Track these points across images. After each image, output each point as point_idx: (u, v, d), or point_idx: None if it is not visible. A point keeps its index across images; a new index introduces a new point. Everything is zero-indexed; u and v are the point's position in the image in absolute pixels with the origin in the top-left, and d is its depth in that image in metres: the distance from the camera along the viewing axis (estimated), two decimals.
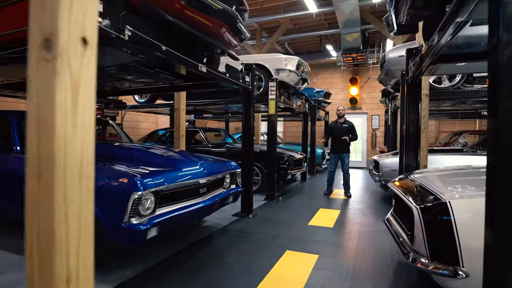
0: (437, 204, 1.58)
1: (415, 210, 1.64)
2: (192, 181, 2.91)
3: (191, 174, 2.97)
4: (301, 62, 6.59)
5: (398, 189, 2.11)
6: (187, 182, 2.85)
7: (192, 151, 6.87)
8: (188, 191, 2.90)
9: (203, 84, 4.22)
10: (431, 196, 1.70)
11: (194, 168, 3.09)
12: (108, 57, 2.81)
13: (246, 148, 4.57)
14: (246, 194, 4.50)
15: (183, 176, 2.85)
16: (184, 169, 2.95)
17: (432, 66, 2.85)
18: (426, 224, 1.57)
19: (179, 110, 5.48)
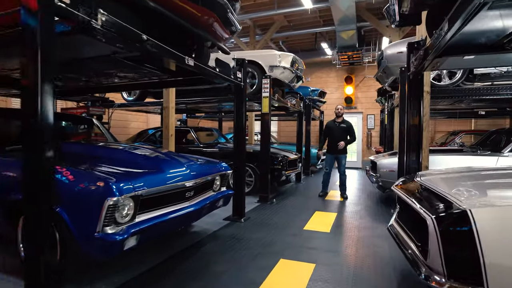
0: (456, 213, 1.35)
1: (429, 220, 1.41)
2: (177, 184, 2.66)
3: (176, 176, 2.71)
4: (296, 59, 6.37)
5: (405, 193, 1.89)
6: (171, 185, 2.59)
7: (183, 151, 6.60)
8: (173, 195, 2.64)
9: (192, 80, 3.97)
10: (446, 203, 1.48)
11: (180, 170, 2.83)
12: (86, 47, 2.55)
13: (238, 148, 4.32)
14: (238, 196, 4.26)
15: (167, 179, 2.59)
16: (169, 172, 2.69)
17: (438, 59, 2.64)
18: (443, 236, 1.35)
19: (168, 108, 5.24)
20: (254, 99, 5.81)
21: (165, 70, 3.49)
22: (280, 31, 9.58)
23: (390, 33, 7.98)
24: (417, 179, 2.15)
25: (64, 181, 2.14)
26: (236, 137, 4.33)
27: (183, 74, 3.65)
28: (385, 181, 5.27)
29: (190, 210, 2.78)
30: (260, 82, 5.64)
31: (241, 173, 4.35)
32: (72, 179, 2.14)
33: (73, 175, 2.18)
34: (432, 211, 1.44)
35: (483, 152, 5.07)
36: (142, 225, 2.27)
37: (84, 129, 4.87)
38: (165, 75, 3.66)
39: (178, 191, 2.70)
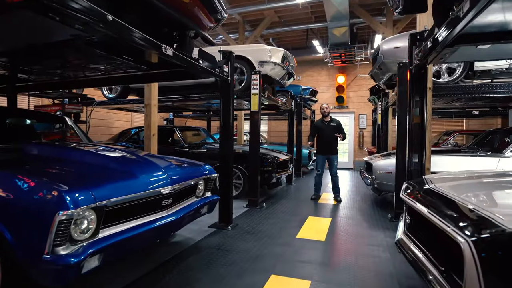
0: (502, 235, 1.04)
1: (465, 244, 1.09)
2: (152, 191, 2.28)
3: (151, 182, 2.33)
4: (287, 55, 6.04)
5: (421, 205, 1.57)
6: (145, 192, 2.21)
7: (168, 153, 6.20)
8: (147, 204, 2.27)
9: (174, 74, 3.59)
10: (482, 220, 1.16)
11: (156, 175, 2.46)
12: (40, 30, 2.16)
13: (225, 148, 3.97)
14: (225, 202, 3.90)
15: (139, 185, 2.22)
16: (142, 177, 2.31)
17: (448, 50, 2.34)
18: (485, 265, 1.03)
19: (150, 105, 4.85)
20: (243, 97, 5.46)
21: (142, 62, 3.11)
22: (270, 27, 9.25)
23: (384, 30, 7.75)
24: (431, 186, 1.84)
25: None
26: (222, 137, 3.97)
27: (163, 66, 3.27)
28: (381, 183, 4.99)
29: (167, 220, 2.41)
30: (249, 79, 5.29)
31: (228, 176, 3.99)
32: (15, 188, 1.75)
33: (19, 182, 1.78)
34: (467, 232, 1.12)
35: (482, 153, 4.83)
36: (107, 241, 1.90)
37: (57, 128, 4.43)
38: (143, 68, 3.27)
39: (153, 199, 2.33)
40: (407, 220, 1.93)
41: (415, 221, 1.77)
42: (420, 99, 3.17)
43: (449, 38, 2.13)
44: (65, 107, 5.47)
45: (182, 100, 6.14)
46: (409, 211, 1.91)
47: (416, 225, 1.75)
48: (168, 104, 7.88)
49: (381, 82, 5.74)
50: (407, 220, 1.91)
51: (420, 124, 3.19)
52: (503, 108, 7.90)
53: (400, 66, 4.27)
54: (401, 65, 4.27)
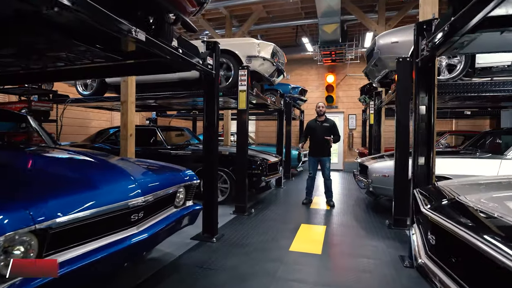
0: None
1: None
2: (117, 205, 1.85)
3: (116, 193, 1.90)
4: (277, 50, 5.67)
5: (464, 228, 1.21)
6: (107, 207, 1.78)
7: (148, 155, 5.73)
8: (111, 220, 1.84)
9: (152, 65, 3.15)
10: None
11: (123, 184, 2.02)
12: None
13: (208, 150, 3.55)
14: (209, 210, 3.49)
15: (100, 198, 1.78)
16: (105, 187, 1.88)
17: (468, 37, 2.01)
18: None
19: (127, 103, 4.42)
20: (229, 94, 5.06)
21: (113, 50, 2.66)
22: (258, 23, 8.88)
23: (376, 27, 7.49)
24: (461, 200, 1.50)
25: None
26: (206, 137, 3.55)
27: (139, 56, 2.83)
28: (377, 187, 4.68)
29: (137, 239, 1.98)
30: (236, 75, 4.89)
31: (213, 181, 3.57)
32: None
33: None
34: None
35: (482, 154, 4.58)
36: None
37: (22, 128, 3.91)
38: (115, 58, 2.81)
39: (120, 213, 1.90)
40: (430, 240, 1.57)
41: (445, 243, 1.41)
42: (427, 95, 2.85)
43: (473, 22, 1.80)
44: (31, 104, 4.92)
45: (164, 98, 5.68)
46: (432, 228, 1.55)
47: (447, 248, 1.39)
48: (150, 102, 7.40)
49: (376, 80, 5.44)
50: (431, 240, 1.56)
51: (427, 123, 2.87)
52: (492, 109, 7.76)
53: (400, 61, 3.96)
54: (401, 60, 3.97)
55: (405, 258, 2.95)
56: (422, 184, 2.91)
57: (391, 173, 4.45)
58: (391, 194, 4.51)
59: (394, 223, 4.02)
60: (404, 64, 3.96)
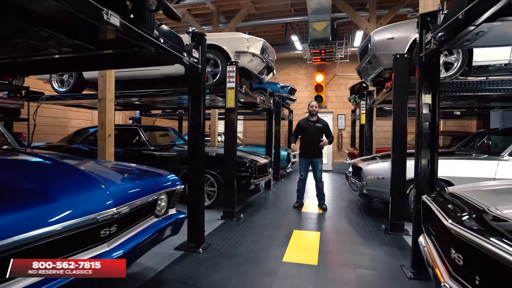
0: None
1: None
2: (81, 220, 1.53)
3: (80, 205, 1.59)
4: (266, 46, 5.41)
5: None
6: (68, 223, 1.46)
7: (130, 156, 5.37)
8: (72, 239, 1.53)
9: (130, 57, 2.83)
10: None
11: (91, 193, 1.72)
12: None
13: (194, 152, 3.25)
14: (195, 218, 3.19)
15: (59, 212, 1.47)
16: (66, 198, 1.56)
17: (487, 25, 1.80)
18: None
19: (105, 100, 4.08)
20: (216, 92, 4.76)
21: (84, 38, 2.33)
22: (247, 20, 8.59)
23: (367, 25, 7.33)
24: (494, 212, 1.27)
25: None
26: (191, 137, 3.25)
27: (115, 45, 2.51)
28: (372, 190, 4.49)
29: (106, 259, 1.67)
30: (224, 71, 4.60)
31: (199, 185, 3.27)
32: None
33: None
34: None
35: (478, 155, 4.45)
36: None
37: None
38: (87, 47, 2.48)
39: (86, 229, 1.59)
40: (455, 260, 1.33)
41: (480, 266, 1.17)
42: (432, 93, 2.65)
43: (496, 7, 1.58)
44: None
45: (147, 96, 5.32)
46: (459, 246, 1.31)
47: (483, 272, 1.15)
48: (133, 101, 7.02)
49: (370, 79, 5.25)
50: (457, 260, 1.32)
51: (430, 123, 2.67)
52: (481, 109, 7.73)
53: (397, 58, 3.77)
54: (398, 57, 3.77)
55: (407, 268, 2.74)
56: (425, 188, 2.71)
57: (387, 176, 4.26)
58: (387, 197, 4.32)
59: (391, 228, 3.82)
60: (401, 61, 3.77)
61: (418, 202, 2.74)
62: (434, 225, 1.81)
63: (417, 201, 2.75)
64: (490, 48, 4.08)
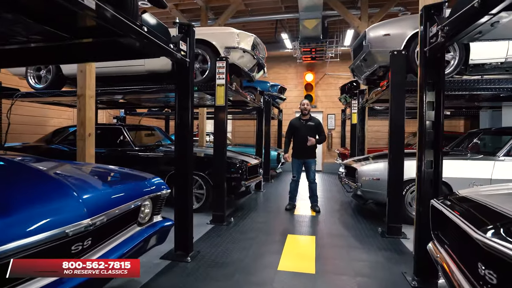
0: None
1: None
2: (45, 235, 1.28)
3: (44, 218, 1.34)
4: (257, 42, 5.20)
5: None
6: (23, 242, 1.21)
7: (111, 158, 5.07)
8: (36, 256, 1.28)
9: (111, 48, 2.57)
10: None
11: (60, 203, 1.47)
12: None
13: (181, 152, 3.01)
14: (182, 224, 2.95)
15: (15, 228, 1.22)
16: (24, 213, 1.31)
17: (507, 13, 1.64)
18: None
19: (84, 97, 3.80)
20: (205, 89, 4.52)
21: (56, 24, 2.07)
22: (236, 16, 8.36)
23: (358, 23, 7.23)
24: None
25: None
26: (179, 137, 3.01)
27: (92, 34, 2.25)
28: (367, 191, 4.35)
29: (80, 280, 1.43)
30: (213, 68, 4.38)
31: (186, 188, 3.03)
32: None
33: None
34: None
35: (473, 156, 4.37)
36: None
37: None
38: (61, 35, 2.20)
39: (51, 246, 1.34)
40: (486, 277, 1.15)
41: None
42: (436, 90, 2.50)
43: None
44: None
45: (131, 93, 5.03)
46: (492, 262, 1.13)
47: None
48: (117, 98, 6.71)
49: (363, 77, 5.12)
50: (488, 278, 1.14)
51: (434, 123, 2.52)
52: (469, 109, 7.75)
53: (394, 54, 3.63)
54: (395, 53, 3.63)
55: (409, 275, 2.58)
56: (429, 191, 2.56)
57: (383, 177, 4.13)
58: (382, 199, 4.18)
59: (388, 231, 3.68)
60: (398, 58, 3.63)
61: (421, 206, 2.60)
62: (449, 232, 1.65)
63: (420, 205, 2.60)
64: (487, 46, 4.01)
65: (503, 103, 6.74)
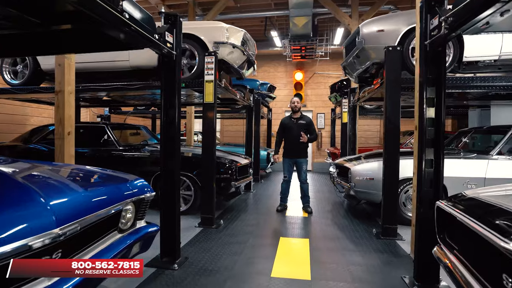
0: None
1: None
2: (2, 250, 1.09)
3: (2, 230, 1.14)
4: (247, 38, 5.03)
5: None
6: None
7: (94, 158, 4.81)
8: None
9: (89, 37, 2.37)
10: None
11: (21, 212, 1.26)
12: None
13: (168, 153, 2.81)
14: (169, 229, 2.75)
15: None
16: None
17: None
18: None
19: (63, 93, 3.56)
20: (193, 86, 4.32)
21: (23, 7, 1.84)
22: (225, 13, 8.17)
23: (349, 21, 7.15)
24: None
25: None
26: (165, 135, 2.81)
27: (66, 19, 2.03)
28: (361, 191, 4.23)
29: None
30: (202, 63, 4.19)
31: (173, 190, 2.83)
32: None
33: None
34: None
35: (466, 154, 4.31)
36: None
37: None
38: (28, 20, 1.98)
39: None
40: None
41: None
42: (436, 86, 2.39)
43: None
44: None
45: (115, 90, 4.77)
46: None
47: None
48: (101, 95, 6.43)
49: (356, 74, 5.01)
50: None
51: (435, 120, 2.41)
52: (457, 108, 7.77)
53: (389, 50, 3.52)
54: (390, 49, 3.52)
55: (409, 279, 2.47)
56: (429, 191, 2.44)
57: (377, 176, 4.03)
58: (377, 199, 4.09)
59: (383, 232, 3.57)
60: (394, 54, 3.52)
61: (422, 207, 2.48)
62: (461, 237, 1.52)
63: (420, 206, 2.49)
64: (481, 43, 3.96)
65: (491, 101, 6.79)
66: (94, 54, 4.68)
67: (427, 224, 2.36)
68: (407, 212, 4.05)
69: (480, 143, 4.97)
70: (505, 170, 3.91)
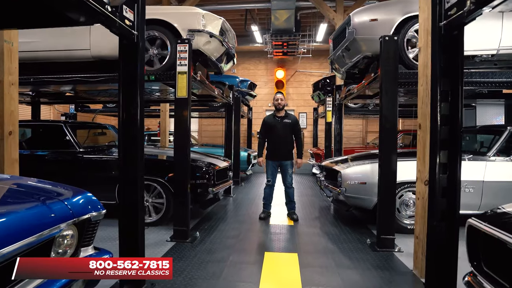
0: None
1: None
2: None
3: None
4: (227, 28, 4.56)
5: None
6: None
7: (43, 162, 4.16)
8: None
9: (17, 7, 1.80)
10: None
11: None
12: None
13: (129, 157, 2.27)
14: (129, 252, 2.22)
15: None
16: None
17: None
18: None
19: (2, 84, 2.96)
20: (164, 79, 3.79)
21: None
22: (202, 4, 7.62)
23: (334, 15, 6.82)
24: None
25: None
26: (124, 135, 2.27)
27: None
28: (352, 197, 3.86)
29: None
30: (174, 53, 3.66)
31: (135, 205, 2.30)
32: None
33: None
34: None
35: (462, 156, 4.03)
36: None
37: None
38: None
39: None
40: None
41: None
42: (453, 76, 2.02)
43: None
44: None
45: (72, 83, 4.15)
46: None
47: None
48: (63, 91, 5.77)
49: (343, 70, 4.64)
50: None
51: (450, 117, 2.04)
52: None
53: (386, 40, 3.15)
54: (387, 39, 3.15)
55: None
56: (441, 201, 2.07)
57: (370, 180, 3.67)
58: (369, 206, 3.73)
59: (379, 243, 3.19)
60: (390, 44, 3.16)
61: (434, 220, 2.11)
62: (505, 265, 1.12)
63: (432, 219, 2.11)
64: (479, 36, 3.68)
65: (476, 100, 6.66)
66: (48, 42, 4.06)
67: (442, 243, 1.99)
68: (402, 219, 3.72)
69: (472, 144, 4.75)
70: (505, 172, 3.66)
